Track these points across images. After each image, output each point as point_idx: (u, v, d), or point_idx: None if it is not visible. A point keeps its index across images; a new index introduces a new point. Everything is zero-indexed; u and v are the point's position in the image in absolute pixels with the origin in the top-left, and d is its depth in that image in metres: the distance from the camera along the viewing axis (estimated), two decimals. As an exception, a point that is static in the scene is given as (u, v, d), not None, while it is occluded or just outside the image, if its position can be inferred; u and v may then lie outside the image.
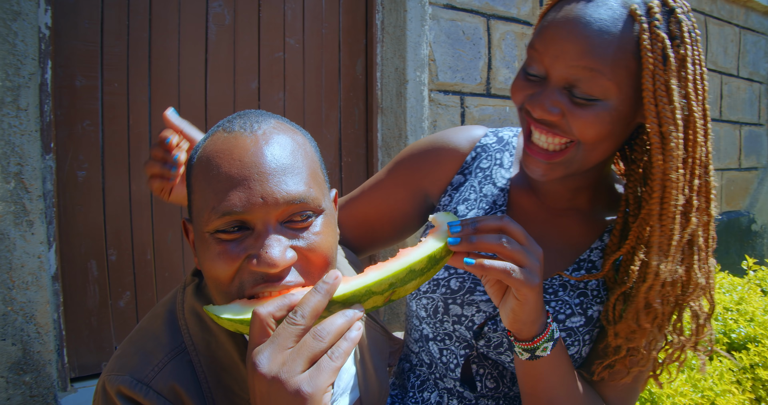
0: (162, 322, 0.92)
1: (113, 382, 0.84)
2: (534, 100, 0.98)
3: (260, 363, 0.67)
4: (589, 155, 1.00)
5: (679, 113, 0.96)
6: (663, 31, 0.94)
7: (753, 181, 4.89)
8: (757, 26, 4.78)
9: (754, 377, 2.65)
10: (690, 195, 0.99)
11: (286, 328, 0.69)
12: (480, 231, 0.87)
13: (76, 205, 1.97)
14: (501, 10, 2.86)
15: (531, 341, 0.96)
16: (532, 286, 0.87)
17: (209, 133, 0.87)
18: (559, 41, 0.94)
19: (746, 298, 3.08)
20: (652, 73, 0.94)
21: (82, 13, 1.95)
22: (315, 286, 0.72)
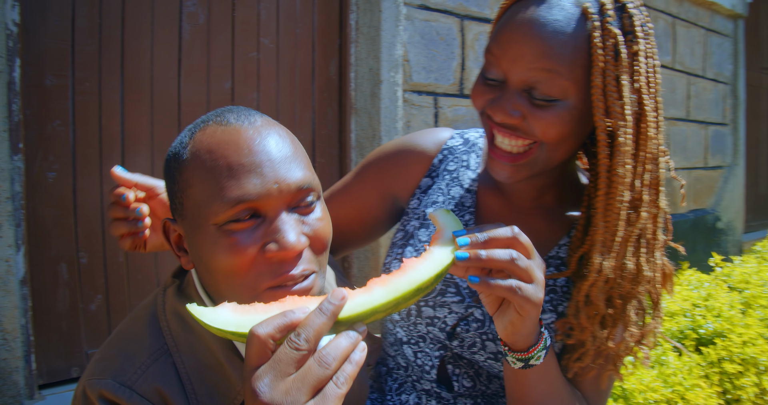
0: (143, 324, 0.90)
1: (94, 386, 0.82)
2: (494, 105, 0.99)
3: (261, 391, 0.63)
4: (552, 155, 1.02)
5: (629, 108, 0.97)
6: (616, 27, 0.96)
7: (718, 180, 5.05)
8: (721, 29, 4.94)
9: (721, 371, 2.73)
10: (641, 189, 1.01)
11: (288, 352, 0.64)
12: (489, 245, 0.83)
13: (46, 207, 1.91)
14: (474, 10, 2.89)
15: (526, 352, 0.95)
16: (537, 302, 0.85)
17: (195, 129, 0.86)
18: (515, 45, 0.95)
19: (713, 294, 3.18)
20: (602, 70, 0.96)
21: (53, 10, 1.89)
22: (320, 306, 0.67)
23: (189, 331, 0.89)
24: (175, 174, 0.84)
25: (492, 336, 1.14)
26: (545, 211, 1.18)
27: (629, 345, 1.09)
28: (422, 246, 1.22)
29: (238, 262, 0.79)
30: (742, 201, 5.28)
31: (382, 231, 1.39)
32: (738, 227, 5.21)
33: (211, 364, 0.88)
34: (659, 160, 1.04)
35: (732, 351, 2.79)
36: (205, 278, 0.86)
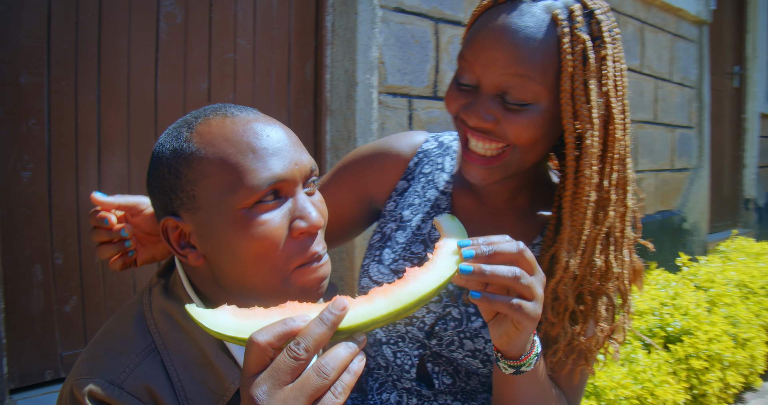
0: (130, 323, 0.91)
1: (82, 385, 0.82)
2: (468, 110, 1.02)
3: (259, 398, 0.64)
4: (525, 157, 1.06)
5: (596, 112, 1.01)
6: (584, 33, 0.99)
7: (684, 182, 5.18)
8: (687, 34, 5.08)
9: (689, 367, 2.81)
10: (608, 188, 1.06)
11: (287, 361, 0.65)
12: (494, 259, 0.83)
13: (20, 207, 1.89)
14: (449, 13, 2.93)
15: (518, 359, 0.97)
16: (535, 318, 0.86)
17: (192, 123, 0.88)
18: (488, 51, 0.99)
19: (680, 293, 3.27)
20: (570, 75, 0.99)
21: (27, 7, 1.87)
22: (320, 315, 0.67)
23: (177, 329, 0.89)
24: (179, 169, 0.84)
25: (470, 334, 1.17)
26: (519, 211, 1.22)
27: (600, 340, 1.12)
28: (399, 247, 1.25)
29: (270, 242, 0.83)
30: (707, 202, 5.42)
31: (358, 232, 1.42)
32: (703, 228, 5.35)
33: (200, 362, 0.89)
34: (627, 161, 1.09)
35: (698, 348, 2.89)
36: (226, 268, 0.86)
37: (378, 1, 2.59)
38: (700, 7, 5.09)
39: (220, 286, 0.91)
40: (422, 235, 1.24)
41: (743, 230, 6.25)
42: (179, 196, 0.85)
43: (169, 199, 0.86)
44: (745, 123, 6.58)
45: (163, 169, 0.86)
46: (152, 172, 0.89)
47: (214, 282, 0.91)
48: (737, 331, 3.10)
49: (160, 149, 0.88)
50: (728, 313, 3.23)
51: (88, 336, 2.06)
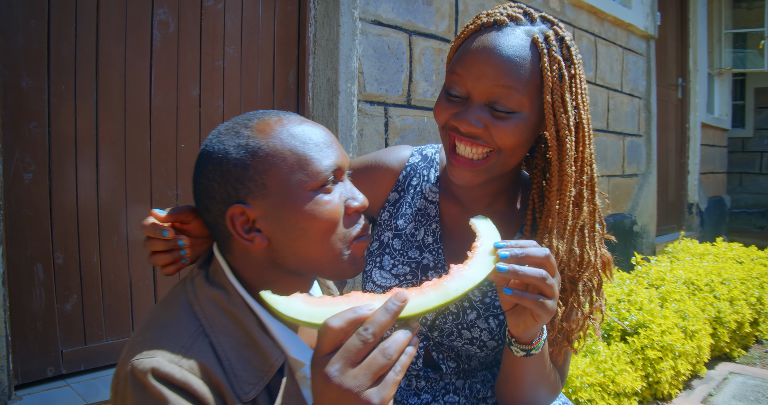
0: (178, 310, 1.00)
1: (145, 365, 0.89)
2: (460, 117, 1.17)
3: (332, 375, 0.75)
4: (507, 161, 1.22)
5: (572, 121, 1.20)
6: (558, 55, 1.17)
7: (634, 187, 5.47)
8: (636, 48, 5.39)
9: (644, 357, 3.03)
10: (581, 188, 1.23)
11: (357, 343, 0.76)
12: (525, 261, 0.97)
13: (22, 208, 1.94)
14: (422, 26, 3.10)
15: (530, 344, 1.13)
16: (552, 312, 1.01)
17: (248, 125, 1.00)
18: (479, 65, 1.15)
19: (635, 290, 3.50)
20: (551, 89, 1.17)
21: (29, 13, 1.93)
22: (385, 305, 0.79)
23: (222, 314, 0.99)
24: (246, 161, 0.96)
25: (466, 325, 1.33)
26: (498, 214, 1.37)
27: (580, 322, 1.29)
28: (397, 253, 1.40)
29: (335, 218, 0.98)
30: (654, 206, 5.73)
31: None
32: (651, 230, 5.65)
33: (245, 343, 0.98)
34: (593, 165, 1.27)
35: (653, 339, 3.11)
36: (294, 245, 0.98)
37: (358, 14, 2.73)
38: (648, 23, 5.41)
39: (273, 267, 1.02)
40: (416, 242, 1.39)
41: (688, 233, 6.61)
42: (246, 186, 0.96)
43: (234, 189, 0.97)
44: (688, 132, 6.94)
45: (227, 164, 0.97)
46: (209, 169, 0.99)
47: (263, 266, 1.02)
48: (686, 324, 3.34)
49: (217, 148, 0.98)
50: (678, 308, 3.47)
51: (88, 333, 2.11)
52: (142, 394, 0.88)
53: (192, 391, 0.89)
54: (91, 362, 2.13)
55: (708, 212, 7.63)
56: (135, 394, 0.88)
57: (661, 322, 3.20)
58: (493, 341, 1.34)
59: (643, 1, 5.34)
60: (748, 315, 3.98)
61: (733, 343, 3.97)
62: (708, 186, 7.91)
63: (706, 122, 7.59)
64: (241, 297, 1.01)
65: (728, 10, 8.14)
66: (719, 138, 8.51)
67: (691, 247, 4.95)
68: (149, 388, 0.87)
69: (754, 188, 9.95)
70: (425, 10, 3.11)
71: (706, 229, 7.44)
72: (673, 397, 3.13)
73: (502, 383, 1.26)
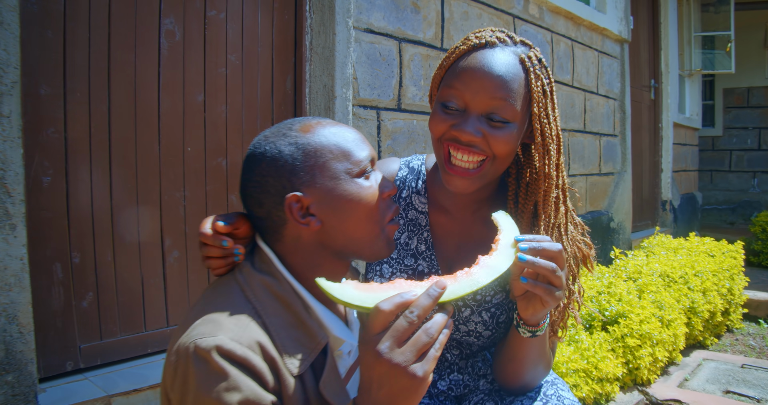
0: (231, 295, 1.12)
1: (209, 342, 0.99)
2: (460, 128, 1.31)
3: (383, 351, 0.89)
4: (499, 167, 1.37)
5: (555, 130, 1.38)
6: (541, 73, 1.35)
7: (610, 185, 5.68)
8: (611, 51, 5.59)
9: (624, 345, 3.21)
10: (557, 191, 1.41)
11: (404, 324, 0.90)
12: (541, 254, 1.12)
13: (41, 210, 2.04)
14: (411, 34, 3.24)
15: (537, 326, 1.28)
16: (558, 300, 1.16)
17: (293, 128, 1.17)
18: (478, 80, 1.30)
19: (614, 282, 3.68)
20: (538, 102, 1.34)
21: (45, 23, 2.03)
22: (428, 291, 0.93)
23: (272, 298, 1.12)
24: (297, 156, 1.13)
25: (462, 320, 1.49)
26: (482, 220, 1.53)
27: (561, 311, 1.45)
28: (394, 262, 1.54)
29: (374, 200, 1.16)
30: (630, 203, 5.94)
31: None
32: (627, 227, 5.86)
33: (293, 324, 1.11)
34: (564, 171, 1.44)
35: (632, 328, 3.29)
36: (342, 225, 1.14)
37: (352, 23, 2.86)
38: (622, 27, 5.63)
39: (322, 250, 1.17)
40: (411, 250, 1.53)
41: (662, 229, 6.85)
42: (299, 177, 1.12)
43: (288, 181, 1.12)
44: (661, 131, 7.19)
45: (281, 160, 1.13)
46: (262, 167, 1.14)
47: (312, 250, 1.17)
48: (662, 314, 3.53)
49: (269, 148, 1.14)
50: (654, 299, 3.66)
51: (103, 329, 2.21)
52: (205, 369, 0.98)
53: (251, 366, 1.00)
54: (106, 357, 2.24)
55: (681, 209, 7.89)
56: (198, 369, 0.98)
57: (639, 312, 3.39)
58: (488, 331, 1.50)
59: (617, 6, 5.55)
60: (719, 305, 4.20)
61: (707, 331, 4.19)
62: (680, 183, 8.18)
63: (678, 122, 7.85)
64: (289, 282, 1.15)
65: (697, 13, 8.43)
66: (690, 137, 8.80)
67: (665, 242, 5.16)
68: (212, 364, 0.98)
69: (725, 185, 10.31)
70: (414, 18, 3.25)
71: (680, 225, 7.70)
72: (652, 382, 3.32)
73: (506, 362, 1.40)
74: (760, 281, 5.80)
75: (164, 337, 2.41)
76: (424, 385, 0.90)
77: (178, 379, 1.01)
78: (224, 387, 0.96)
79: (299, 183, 1.13)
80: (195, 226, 2.49)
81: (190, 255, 2.48)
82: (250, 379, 0.99)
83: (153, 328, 2.38)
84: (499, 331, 1.50)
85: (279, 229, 1.16)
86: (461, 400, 1.58)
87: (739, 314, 4.72)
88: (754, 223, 7.12)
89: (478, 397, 1.54)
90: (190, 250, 2.48)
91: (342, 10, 2.80)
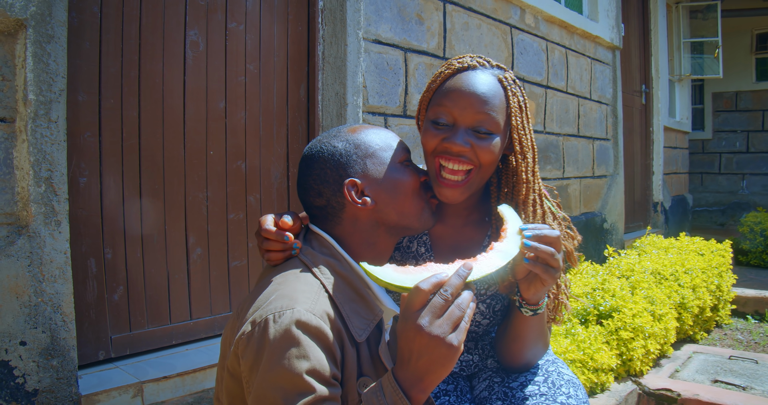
0: (300, 274, 1.28)
1: (286, 314, 1.12)
2: (451, 140, 1.48)
3: (424, 325, 1.03)
4: (484, 176, 1.55)
5: (530, 141, 1.57)
6: (517, 90, 1.54)
7: (603, 187, 5.86)
8: (603, 58, 5.78)
9: (618, 338, 3.38)
10: (534, 196, 1.59)
11: (440, 301, 1.05)
12: (542, 240, 1.30)
13: (78, 209, 2.19)
14: (415, 44, 3.42)
15: (537, 304, 1.45)
16: (556, 279, 1.34)
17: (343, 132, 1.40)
18: (465, 98, 1.48)
19: (607, 280, 3.85)
20: (515, 116, 1.54)
21: (84, 35, 2.19)
22: (457, 272, 1.09)
23: (336, 276, 1.29)
24: (351, 149, 1.35)
25: None
26: (472, 224, 1.71)
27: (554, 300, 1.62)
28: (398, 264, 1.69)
29: (417, 179, 1.39)
30: (622, 205, 6.12)
31: None
32: (620, 228, 6.05)
33: (354, 298, 1.28)
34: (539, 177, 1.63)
35: (625, 322, 3.46)
36: (393, 203, 1.36)
37: (362, 35, 3.04)
38: (613, 35, 5.82)
39: (377, 227, 1.37)
40: (412, 252, 1.71)
41: (654, 230, 7.04)
42: (353, 166, 1.34)
43: (344, 170, 1.33)
44: (652, 135, 7.37)
45: (337, 154, 1.35)
46: (320, 162, 1.35)
47: (368, 228, 1.36)
48: (654, 309, 3.70)
49: (325, 147, 1.37)
50: (646, 295, 3.83)
51: (132, 321, 2.37)
52: (281, 337, 1.10)
53: (322, 336, 1.14)
54: (135, 347, 2.39)
55: (672, 210, 8.09)
56: (274, 337, 1.10)
57: (632, 307, 3.56)
58: (486, 320, 1.68)
59: (608, 14, 5.74)
60: (708, 301, 4.38)
61: (696, 326, 4.37)
62: (671, 186, 8.38)
63: (669, 126, 8.05)
64: (348, 262, 1.33)
65: (686, 20, 8.65)
66: (681, 140, 9.02)
67: (657, 242, 5.34)
68: (288, 332, 1.10)
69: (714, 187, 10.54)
70: (418, 29, 3.43)
71: (671, 225, 7.90)
72: (645, 373, 3.49)
73: (510, 342, 1.58)
74: (748, 279, 6.00)
75: (187, 329, 2.57)
76: (458, 353, 1.06)
77: (252, 347, 1.13)
78: (295, 354, 1.10)
79: (353, 171, 1.34)
80: (216, 225, 2.65)
81: (212, 252, 2.64)
82: (319, 349, 1.13)
83: (177, 320, 2.54)
84: (496, 318, 1.69)
85: (338, 214, 1.35)
86: (472, 377, 1.76)
87: (728, 310, 4.91)
88: (742, 224, 7.32)
89: (486, 374, 1.71)
90: (212, 248, 2.64)
91: (353, 22, 2.97)
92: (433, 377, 1.07)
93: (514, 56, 4.37)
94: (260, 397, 1.11)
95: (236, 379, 1.21)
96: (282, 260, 1.35)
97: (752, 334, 4.67)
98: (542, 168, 4.76)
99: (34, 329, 1.89)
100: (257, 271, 2.84)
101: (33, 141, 1.87)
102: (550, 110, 4.85)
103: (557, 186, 4.99)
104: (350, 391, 1.23)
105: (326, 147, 1.36)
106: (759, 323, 5.01)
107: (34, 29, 1.86)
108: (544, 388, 1.56)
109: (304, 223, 1.45)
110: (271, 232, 1.34)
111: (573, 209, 5.27)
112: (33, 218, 1.89)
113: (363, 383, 1.24)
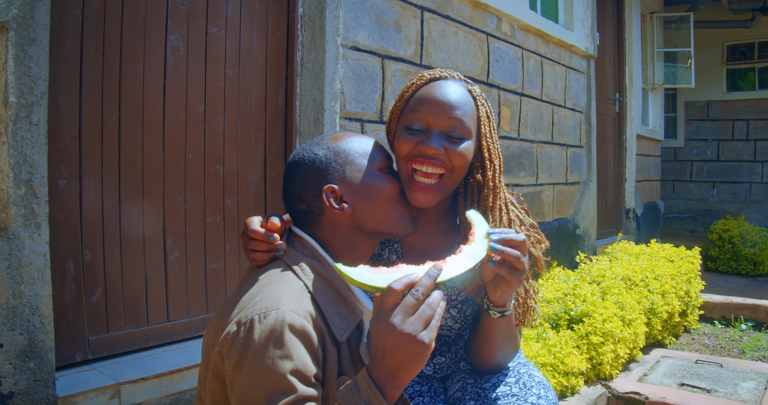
0: (284, 275, 1.32)
1: (271, 314, 1.16)
2: (425, 144, 1.54)
3: (396, 323, 1.08)
4: (455, 180, 1.62)
5: (496, 149, 1.64)
6: (484, 101, 1.63)
7: (576, 194, 5.97)
8: (578, 67, 5.90)
9: (589, 342, 3.47)
10: (500, 202, 1.66)
11: (412, 300, 1.10)
12: (509, 244, 1.35)
13: (57, 211, 2.20)
14: (393, 51, 3.47)
15: (504, 306, 1.51)
16: (521, 281, 1.40)
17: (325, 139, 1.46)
18: (438, 104, 1.56)
19: (579, 285, 3.94)
20: (484, 124, 1.62)
21: (65, 38, 2.21)
22: (427, 273, 1.14)
23: (319, 278, 1.34)
24: (331, 157, 1.40)
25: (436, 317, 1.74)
26: (441, 232, 1.77)
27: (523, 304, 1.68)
28: None
29: (396, 185, 1.46)
30: (595, 212, 6.24)
31: None
32: (592, 234, 6.16)
33: (336, 299, 1.33)
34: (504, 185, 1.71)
35: (596, 327, 3.55)
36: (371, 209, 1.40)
37: (340, 41, 3.08)
38: (588, 44, 5.95)
39: (356, 231, 1.41)
40: (383, 260, 1.78)
41: (625, 236, 7.19)
42: (332, 173, 1.39)
43: (323, 177, 1.39)
44: (625, 143, 7.51)
45: (318, 161, 1.40)
46: (303, 168, 1.41)
47: (348, 232, 1.41)
48: (624, 314, 3.80)
49: (307, 154, 1.42)
50: (617, 300, 3.93)
51: (110, 323, 2.38)
52: (266, 337, 1.14)
53: (306, 335, 1.19)
54: (112, 349, 2.40)
55: (644, 217, 8.25)
56: (259, 337, 1.14)
57: (603, 312, 3.65)
58: (458, 324, 1.74)
59: (584, 23, 5.87)
60: (677, 307, 4.50)
61: (665, 331, 4.48)
62: (644, 193, 8.55)
63: (641, 134, 8.22)
64: (330, 264, 1.38)
65: (660, 30, 8.85)
66: (653, 148, 9.21)
67: (628, 248, 5.46)
68: (273, 332, 1.14)
69: (686, 195, 10.76)
70: (395, 36, 3.49)
71: (642, 232, 8.06)
72: (614, 377, 3.58)
73: (481, 344, 1.63)
74: (716, 285, 6.17)
75: (165, 331, 2.59)
76: (429, 350, 1.11)
77: (236, 346, 1.16)
78: (279, 354, 1.14)
79: (332, 178, 1.39)
80: (194, 228, 2.67)
81: (189, 255, 2.67)
82: (303, 349, 1.17)
83: (154, 322, 2.56)
84: (467, 322, 1.74)
85: (318, 218, 1.41)
86: (445, 379, 1.81)
87: (696, 316, 5.04)
88: (711, 231, 7.50)
89: (459, 376, 1.77)
90: (190, 250, 2.67)
91: (332, 29, 3.02)
92: (406, 374, 1.12)
93: (490, 64, 4.45)
94: (243, 396, 1.15)
95: (220, 379, 1.25)
96: (267, 261, 1.40)
97: (719, 338, 4.80)
98: (516, 174, 4.85)
99: (12, 331, 1.90)
100: (234, 273, 2.87)
101: (14, 143, 1.88)
102: (524, 117, 4.94)
103: (530, 192, 5.08)
104: (331, 389, 1.27)
105: (308, 154, 1.43)
106: (725, 328, 5.15)
107: (15, 32, 1.87)
108: (516, 388, 1.63)
109: (287, 225, 1.49)
110: (259, 233, 1.40)
111: (546, 215, 5.36)
112: (12, 220, 1.90)
113: (343, 382, 1.29)
